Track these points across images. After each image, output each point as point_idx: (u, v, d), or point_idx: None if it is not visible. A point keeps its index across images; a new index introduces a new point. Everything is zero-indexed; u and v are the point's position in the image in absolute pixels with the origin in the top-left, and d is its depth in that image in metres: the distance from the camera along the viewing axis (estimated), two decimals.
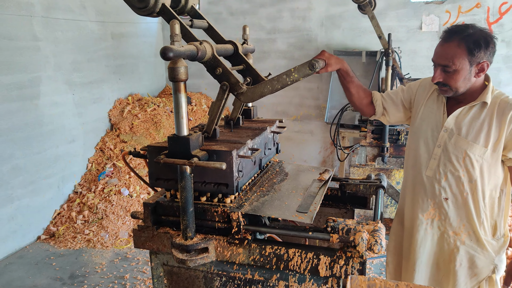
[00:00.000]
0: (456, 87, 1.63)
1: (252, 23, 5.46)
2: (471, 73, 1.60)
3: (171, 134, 1.49)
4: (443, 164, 1.73)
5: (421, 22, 4.84)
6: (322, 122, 5.57)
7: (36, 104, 3.92)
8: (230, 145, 1.58)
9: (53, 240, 3.97)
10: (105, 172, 4.55)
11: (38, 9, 3.91)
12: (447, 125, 1.71)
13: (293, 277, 1.47)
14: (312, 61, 1.50)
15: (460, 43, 1.56)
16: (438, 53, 1.63)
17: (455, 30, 1.59)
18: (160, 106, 5.36)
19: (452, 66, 1.58)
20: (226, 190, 1.53)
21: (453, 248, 1.76)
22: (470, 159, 1.66)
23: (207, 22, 1.87)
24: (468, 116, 1.67)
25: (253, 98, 1.61)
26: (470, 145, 1.65)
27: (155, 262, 1.70)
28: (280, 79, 1.55)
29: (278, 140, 2.12)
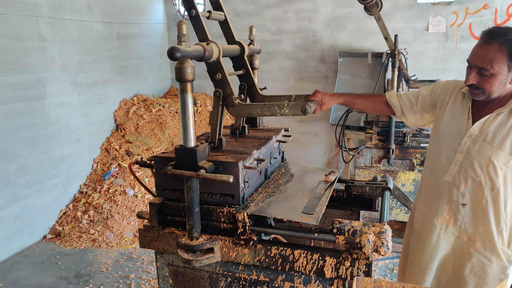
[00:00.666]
0: (490, 92, 1.58)
1: (258, 24, 5.46)
2: (507, 79, 1.54)
3: (178, 145, 1.51)
4: (464, 170, 1.69)
5: (428, 23, 4.81)
6: (327, 124, 5.56)
7: (42, 104, 3.95)
8: (236, 155, 1.59)
9: (59, 239, 3.99)
10: (110, 172, 4.57)
11: (44, 9, 3.94)
12: (472, 131, 1.66)
13: (298, 278, 1.47)
14: (305, 106, 1.51)
15: (502, 47, 1.50)
16: (477, 54, 1.56)
17: (497, 32, 1.52)
18: (165, 107, 5.38)
19: (490, 70, 1.53)
20: (232, 201, 1.54)
21: (466, 254, 1.72)
22: (494, 166, 1.62)
23: (225, 15, 1.87)
24: (495, 123, 1.62)
25: (240, 114, 1.64)
26: (495, 152, 1.60)
27: (160, 262, 1.71)
28: (271, 107, 1.57)
29: (283, 149, 2.12)
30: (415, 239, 1.92)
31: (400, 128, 3.54)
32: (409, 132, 3.52)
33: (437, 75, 4.80)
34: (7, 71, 3.58)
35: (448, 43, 4.75)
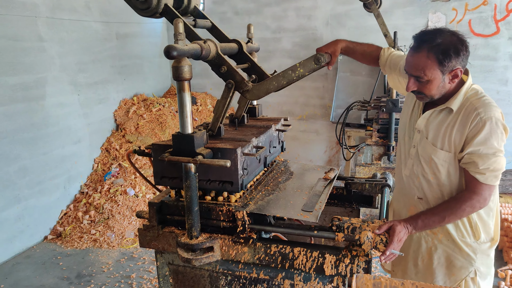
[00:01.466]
0: (431, 95, 1.60)
1: (257, 23, 5.45)
2: (444, 81, 1.55)
3: (176, 132, 1.49)
4: (416, 165, 1.73)
5: (427, 20, 4.80)
6: (327, 122, 5.55)
7: (42, 105, 3.95)
8: (235, 143, 1.58)
9: (60, 240, 3.99)
10: (111, 172, 4.57)
11: (42, 9, 3.93)
12: (418, 126, 1.70)
13: (298, 276, 1.46)
14: (318, 55, 1.49)
15: (429, 54, 1.49)
16: (410, 64, 1.57)
17: (424, 39, 1.52)
18: (166, 106, 5.37)
19: (424, 77, 1.53)
20: (231, 188, 1.53)
21: (431, 246, 1.76)
22: (435, 164, 1.65)
23: (211, 21, 1.86)
24: (436, 120, 1.64)
25: (259, 95, 1.60)
26: (434, 150, 1.63)
27: (160, 261, 1.70)
28: (285, 74, 1.54)
29: (283, 139, 2.11)
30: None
31: None
32: None
33: None
34: (5, 72, 3.58)
35: None
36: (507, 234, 3.51)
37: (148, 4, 1.59)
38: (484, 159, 1.52)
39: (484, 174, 1.52)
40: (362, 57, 1.91)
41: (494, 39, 4.57)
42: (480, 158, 1.52)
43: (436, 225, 1.56)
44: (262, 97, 1.61)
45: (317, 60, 1.48)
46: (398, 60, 1.89)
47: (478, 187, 1.54)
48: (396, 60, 1.90)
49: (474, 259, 1.69)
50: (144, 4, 1.60)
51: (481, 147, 1.52)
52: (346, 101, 4.86)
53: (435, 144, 1.64)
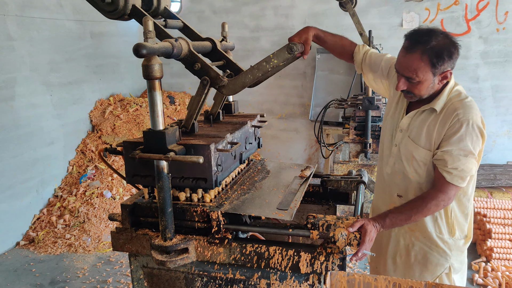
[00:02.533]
0: (421, 95, 1.62)
1: (235, 22, 5.43)
2: (434, 82, 1.57)
3: (147, 129, 1.46)
4: (397, 163, 1.75)
5: (401, 19, 4.89)
6: (307, 120, 5.58)
7: (11, 106, 3.81)
8: (209, 139, 1.55)
9: (33, 245, 3.86)
10: (86, 174, 4.46)
11: (12, 7, 3.80)
12: (402, 125, 1.72)
13: (274, 275, 1.45)
14: (290, 44, 1.47)
15: (423, 56, 1.49)
16: (401, 64, 1.57)
17: (418, 40, 1.51)
18: (143, 106, 5.28)
19: (416, 78, 1.54)
20: (204, 184, 1.50)
21: (409, 243, 1.78)
22: (417, 162, 1.67)
23: (182, 21, 1.83)
24: (419, 119, 1.66)
25: (235, 89, 1.58)
26: (415, 148, 1.66)
27: (134, 264, 1.67)
28: (260, 66, 1.53)
29: (260, 135, 2.09)
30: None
31: (376, 123, 3.58)
32: None
33: None
34: None
35: None
36: (480, 227, 3.61)
37: (115, 6, 1.55)
38: (454, 159, 1.54)
39: (451, 173, 1.55)
40: (333, 48, 1.90)
41: (466, 38, 4.69)
42: (451, 157, 1.54)
43: (403, 223, 1.58)
44: (239, 92, 1.59)
45: (290, 50, 1.47)
46: (378, 60, 1.88)
47: (445, 185, 1.57)
48: (376, 60, 1.89)
49: (449, 255, 1.72)
50: (110, 6, 1.56)
51: (454, 147, 1.54)
52: (324, 100, 4.89)
53: (416, 143, 1.65)
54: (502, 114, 4.80)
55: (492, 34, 4.63)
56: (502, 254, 3.35)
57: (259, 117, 2.08)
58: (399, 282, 1.33)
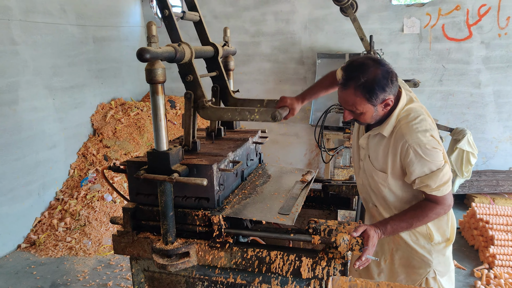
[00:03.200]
0: (367, 122, 1.64)
1: (236, 27, 5.45)
2: (377, 111, 1.58)
3: (151, 148, 1.48)
4: (364, 178, 1.79)
5: (402, 24, 4.90)
6: (307, 125, 5.59)
7: (14, 109, 3.83)
8: (211, 158, 1.57)
9: (34, 248, 3.87)
10: (87, 178, 4.47)
11: (16, 12, 3.83)
12: (361, 144, 1.76)
13: (275, 280, 1.46)
14: (275, 113, 1.50)
15: (356, 92, 1.51)
16: (341, 99, 1.59)
17: (349, 76, 1.52)
18: (144, 111, 5.30)
19: (356, 111, 1.57)
20: (207, 204, 1.52)
21: (392, 247, 1.80)
22: (375, 182, 1.71)
23: (200, 16, 1.85)
24: (374, 141, 1.69)
25: (210, 117, 1.63)
26: (373, 170, 1.69)
27: (135, 268, 1.67)
28: (242, 112, 1.56)
29: (260, 150, 2.11)
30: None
31: None
32: None
33: (412, 75, 4.89)
34: None
35: (423, 44, 4.85)
36: (483, 234, 3.59)
37: None
38: (433, 178, 1.54)
39: (439, 189, 1.56)
40: (325, 91, 1.96)
41: (467, 43, 4.71)
42: (430, 178, 1.55)
43: (404, 230, 1.60)
44: (213, 120, 1.62)
45: (274, 117, 1.51)
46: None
47: (439, 199, 1.58)
48: None
49: (430, 260, 1.73)
50: None
51: (424, 169, 1.55)
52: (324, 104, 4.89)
53: (374, 165, 1.69)
54: (504, 119, 4.80)
55: (494, 40, 4.64)
56: (505, 261, 3.33)
57: (260, 132, 2.09)
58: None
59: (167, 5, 1.57)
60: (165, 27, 1.59)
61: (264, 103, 1.81)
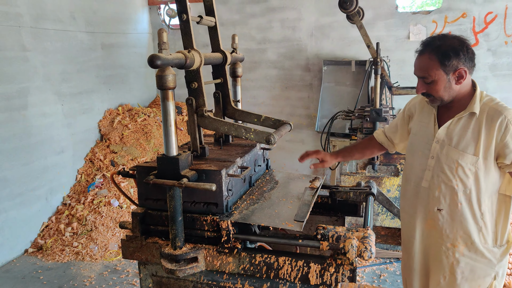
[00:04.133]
0: (440, 96, 1.66)
1: (243, 34, 5.50)
2: (450, 81, 1.62)
3: (160, 154, 1.49)
4: (436, 175, 1.73)
5: (408, 31, 4.91)
6: (313, 131, 5.59)
7: (24, 114, 3.87)
8: (220, 163, 1.58)
9: (41, 253, 3.88)
10: (94, 183, 4.49)
11: (26, 19, 3.89)
12: (438, 136, 1.72)
13: (283, 286, 1.46)
14: (270, 137, 1.51)
15: (431, 56, 1.61)
16: (415, 66, 1.69)
17: (426, 43, 1.64)
18: (151, 116, 5.34)
19: (429, 78, 1.63)
20: (216, 209, 1.53)
21: (453, 261, 1.73)
22: (462, 169, 1.66)
23: (215, 21, 1.87)
24: (458, 126, 1.68)
25: (207, 127, 1.65)
26: (461, 155, 1.65)
27: (143, 273, 1.68)
28: (238, 129, 1.58)
29: (268, 156, 2.12)
30: (405, 247, 1.93)
31: None
32: None
33: None
34: None
35: None
36: None
37: None
38: None
39: None
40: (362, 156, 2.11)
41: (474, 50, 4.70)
42: None
43: None
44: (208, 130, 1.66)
45: (268, 141, 1.52)
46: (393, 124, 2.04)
47: None
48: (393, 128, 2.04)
49: (495, 264, 1.71)
50: None
51: None
52: (331, 111, 4.90)
53: (461, 149, 1.66)
54: None
55: (500, 47, 4.64)
56: None
57: None
58: None
59: (186, 10, 1.59)
60: (181, 31, 1.61)
61: (262, 118, 1.83)
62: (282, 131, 1.65)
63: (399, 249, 3.68)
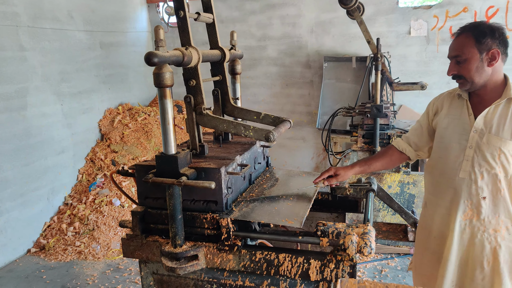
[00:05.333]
0: (471, 77, 1.68)
1: (242, 31, 5.48)
2: (483, 62, 1.66)
3: (159, 152, 1.49)
4: (477, 164, 1.73)
5: (409, 27, 4.89)
6: (314, 128, 5.58)
7: (23, 115, 3.88)
8: (219, 161, 1.58)
9: (43, 253, 3.89)
10: (96, 182, 4.50)
11: (24, 19, 3.89)
12: (477, 125, 1.73)
13: (284, 283, 1.45)
14: (269, 134, 1.50)
15: (467, 34, 1.66)
16: (450, 47, 1.73)
17: (464, 26, 1.71)
18: (151, 115, 5.33)
19: (462, 56, 1.67)
20: (215, 207, 1.52)
21: (495, 245, 1.74)
22: (505, 155, 1.68)
23: (213, 18, 1.87)
24: (496, 114, 1.70)
25: (206, 125, 1.64)
26: (503, 141, 1.67)
27: (144, 271, 1.68)
28: (237, 126, 1.57)
29: (268, 154, 2.11)
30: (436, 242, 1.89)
31: (385, 131, 3.57)
32: (393, 134, 3.55)
33: (420, 77, 4.86)
34: None
35: (430, 46, 4.83)
36: None
37: None
38: None
39: None
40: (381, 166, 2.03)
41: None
42: None
43: None
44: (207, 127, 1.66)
45: (267, 138, 1.51)
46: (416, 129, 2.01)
47: None
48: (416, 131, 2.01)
49: None
50: None
51: None
52: (331, 108, 4.89)
53: (502, 136, 1.67)
54: None
55: None
56: None
57: None
58: None
59: (183, 6, 1.58)
60: (178, 28, 1.60)
61: (261, 116, 1.81)
62: (281, 128, 1.64)
63: (400, 244, 3.67)
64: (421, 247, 1.99)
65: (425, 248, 1.96)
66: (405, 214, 2.17)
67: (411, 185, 3.53)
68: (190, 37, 1.61)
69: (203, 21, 1.83)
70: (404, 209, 2.13)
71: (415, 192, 3.54)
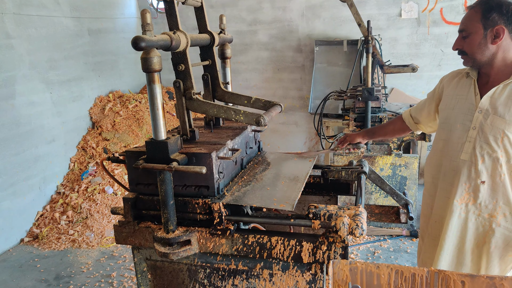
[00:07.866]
0: (472, 53, 1.66)
1: (233, 15, 5.41)
2: (486, 38, 1.62)
3: (149, 138, 1.47)
4: (479, 147, 1.69)
5: (400, 9, 4.86)
6: (306, 113, 5.58)
7: (12, 104, 3.82)
8: (210, 146, 1.57)
9: (37, 242, 3.89)
10: (88, 171, 4.47)
11: (9, 6, 3.79)
12: (482, 105, 1.67)
13: (276, 265, 1.47)
14: (260, 118, 1.48)
15: (477, 8, 1.64)
16: (460, 23, 1.71)
17: (477, 2, 1.68)
18: (142, 103, 5.29)
19: (467, 30, 1.66)
20: (207, 192, 1.52)
21: (488, 230, 1.73)
22: (508, 139, 1.63)
23: (201, 2, 1.84)
24: (503, 95, 1.63)
25: (196, 110, 1.62)
26: (508, 124, 1.61)
27: (138, 257, 1.68)
28: (227, 111, 1.55)
29: (260, 139, 2.10)
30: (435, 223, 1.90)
31: (376, 114, 3.58)
32: (385, 117, 3.56)
33: (411, 60, 4.86)
34: None
35: (421, 28, 4.82)
36: None
37: None
38: None
39: None
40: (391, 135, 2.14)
41: None
42: None
43: None
44: (197, 113, 1.64)
45: (258, 122, 1.49)
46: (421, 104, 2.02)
47: None
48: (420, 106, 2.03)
49: None
50: None
51: None
52: (323, 92, 4.88)
53: (507, 118, 1.62)
54: None
55: None
56: None
57: None
58: (401, 270, 1.34)
59: None
60: (165, 13, 1.58)
61: (252, 100, 1.80)
62: (272, 112, 1.63)
63: (393, 226, 3.72)
64: (422, 232, 2.02)
65: (425, 233, 1.99)
66: (397, 195, 2.19)
67: (403, 167, 3.56)
68: (178, 21, 1.58)
69: (191, 5, 1.79)
70: (396, 190, 2.15)
71: (407, 174, 3.57)
